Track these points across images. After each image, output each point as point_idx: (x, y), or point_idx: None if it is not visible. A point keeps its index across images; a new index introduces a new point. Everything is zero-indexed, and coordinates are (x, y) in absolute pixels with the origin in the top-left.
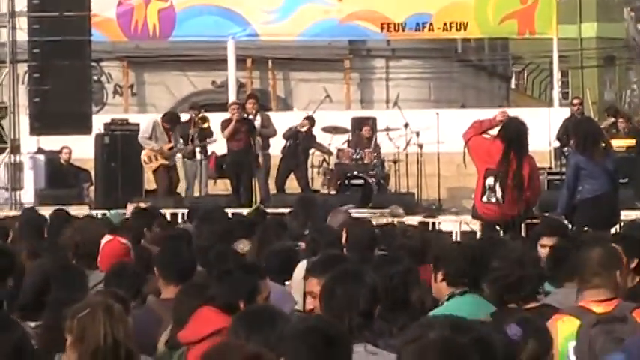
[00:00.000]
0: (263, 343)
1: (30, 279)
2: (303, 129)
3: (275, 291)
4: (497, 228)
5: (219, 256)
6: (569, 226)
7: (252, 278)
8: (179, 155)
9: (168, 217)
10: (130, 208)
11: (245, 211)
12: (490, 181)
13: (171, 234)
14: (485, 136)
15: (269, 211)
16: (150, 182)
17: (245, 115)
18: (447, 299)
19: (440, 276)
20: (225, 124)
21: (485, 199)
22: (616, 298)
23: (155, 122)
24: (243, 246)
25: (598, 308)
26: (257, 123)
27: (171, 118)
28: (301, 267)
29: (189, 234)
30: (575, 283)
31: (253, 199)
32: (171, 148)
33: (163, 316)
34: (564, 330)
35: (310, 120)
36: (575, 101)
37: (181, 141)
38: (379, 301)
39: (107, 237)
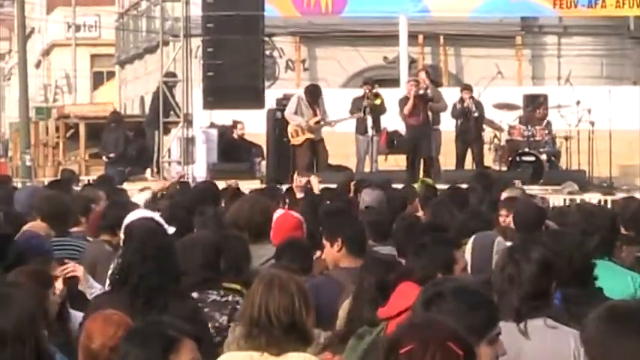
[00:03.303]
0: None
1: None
2: (475, 112)
3: None
4: None
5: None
6: None
7: (447, 249)
8: (350, 130)
9: None
10: (302, 180)
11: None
12: None
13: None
14: None
15: (439, 187)
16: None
17: (422, 91)
18: None
19: None
20: (403, 102)
21: None
22: None
23: (299, 97)
24: None
25: None
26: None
27: (311, 92)
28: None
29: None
30: None
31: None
32: (317, 122)
33: (345, 283)
34: None
35: (468, 89)
36: None
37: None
38: (552, 278)
39: (279, 211)
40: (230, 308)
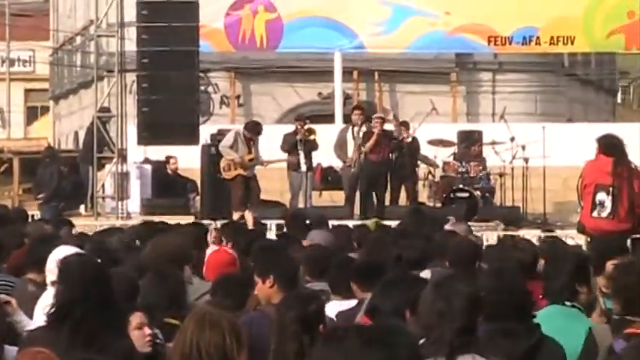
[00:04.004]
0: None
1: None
2: (409, 139)
3: None
4: None
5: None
6: None
7: (416, 288)
8: (284, 166)
9: (274, 228)
10: (236, 216)
11: (356, 223)
12: (601, 195)
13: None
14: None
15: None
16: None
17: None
18: None
19: None
20: (366, 136)
21: (595, 213)
22: None
23: (237, 132)
24: None
25: None
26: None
27: (253, 128)
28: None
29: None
30: None
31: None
32: (251, 159)
33: None
34: None
35: (406, 125)
36: None
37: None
38: (480, 312)
39: (213, 247)
40: None
